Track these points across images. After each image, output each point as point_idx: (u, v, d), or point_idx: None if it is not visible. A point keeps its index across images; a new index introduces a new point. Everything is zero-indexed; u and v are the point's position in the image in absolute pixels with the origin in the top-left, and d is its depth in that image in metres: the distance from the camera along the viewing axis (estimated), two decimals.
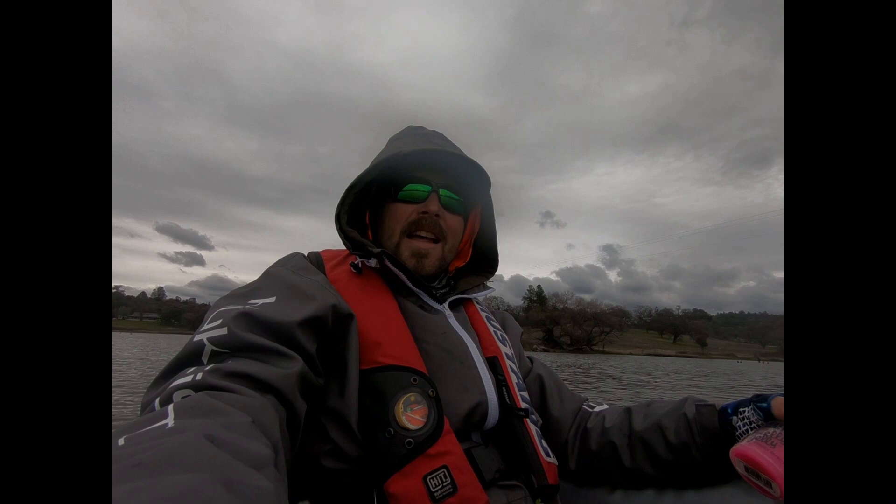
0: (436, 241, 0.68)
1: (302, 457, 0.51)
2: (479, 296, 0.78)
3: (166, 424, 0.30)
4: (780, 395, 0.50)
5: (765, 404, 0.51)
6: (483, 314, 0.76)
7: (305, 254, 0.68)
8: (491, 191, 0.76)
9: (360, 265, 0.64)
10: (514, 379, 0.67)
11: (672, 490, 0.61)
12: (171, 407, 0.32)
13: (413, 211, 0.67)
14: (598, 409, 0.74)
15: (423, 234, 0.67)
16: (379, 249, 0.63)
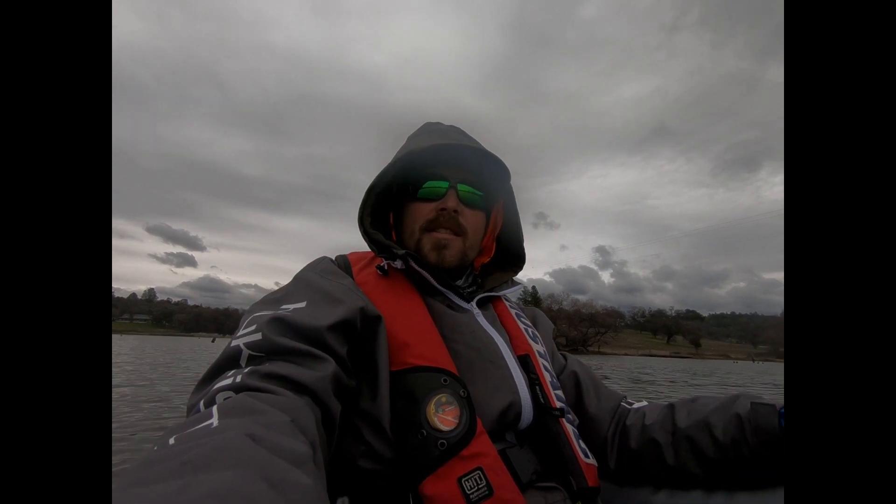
0: (456, 235, 0.67)
1: (340, 457, 0.51)
2: (508, 292, 0.75)
3: (211, 424, 0.31)
4: None
5: None
6: (513, 311, 0.75)
7: (333, 258, 0.68)
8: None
9: (385, 267, 0.64)
10: (547, 377, 0.65)
11: (722, 491, 0.58)
12: (214, 408, 0.33)
13: (431, 209, 0.67)
14: (637, 405, 0.72)
15: (442, 230, 0.67)
16: (403, 251, 0.62)
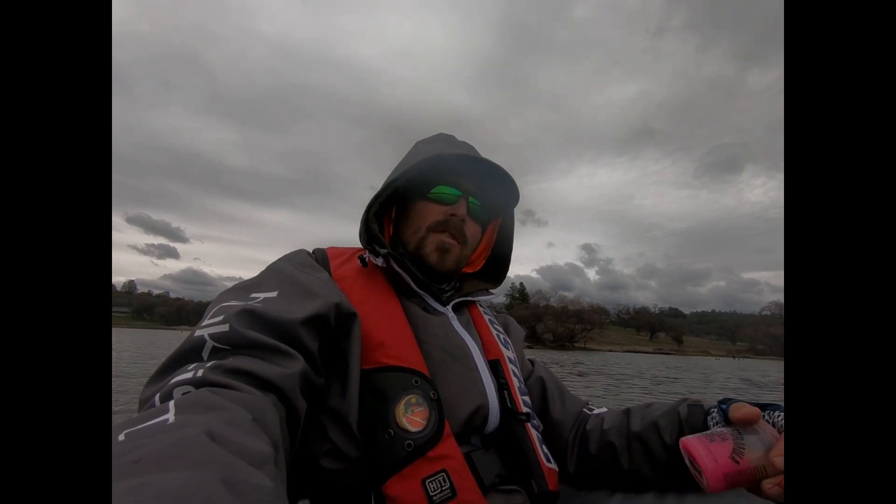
0: (458, 242, 0.69)
1: (301, 456, 0.50)
2: (481, 300, 0.77)
3: (167, 420, 0.29)
4: (740, 400, 0.51)
5: (725, 406, 0.51)
6: (486, 317, 0.76)
7: (310, 251, 0.68)
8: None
9: (367, 259, 0.65)
10: (515, 382, 0.66)
11: (673, 493, 0.59)
12: (171, 403, 0.32)
13: (441, 212, 0.68)
14: (597, 411, 0.74)
15: (447, 235, 0.68)
16: (386, 251, 0.62)
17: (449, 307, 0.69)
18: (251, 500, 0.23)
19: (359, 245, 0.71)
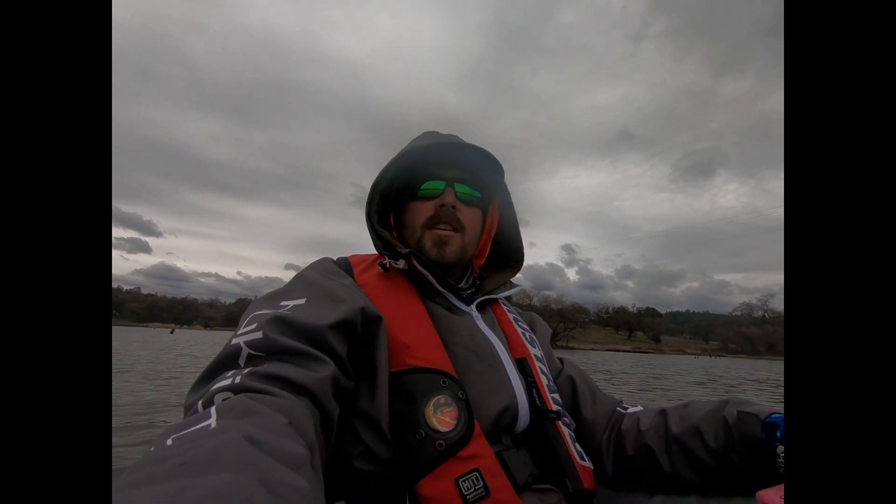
0: (455, 230, 0.69)
1: (336, 459, 0.51)
2: (507, 294, 0.77)
3: (209, 425, 0.31)
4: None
5: (777, 417, 0.49)
6: (510, 315, 0.76)
7: (334, 259, 0.70)
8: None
9: (388, 265, 0.65)
10: (544, 381, 0.66)
11: (717, 497, 0.58)
12: (213, 409, 0.33)
13: (431, 206, 0.69)
14: (631, 410, 0.73)
15: (442, 226, 0.68)
16: (407, 250, 0.63)
17: (473, 306, 0.69)
18: (289, 501, 0.24)
19: (362, 250, 0.73)
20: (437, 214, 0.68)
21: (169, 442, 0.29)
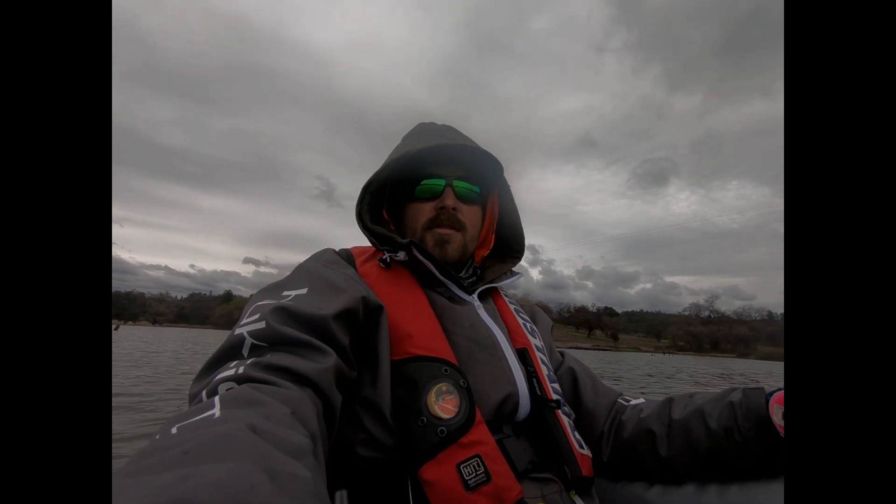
0: (456, 230, 0.70)
1: (339, 446, 0.52)
2: (508, 282, 0.77)
3: (213, 415, 0.31)
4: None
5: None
6: (512, 306, 0.76)
7: (336, 249, 0.70)
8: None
9: (388, 260, 0.66)
10: (544, 370, 0.67)
11: (715, 485, 0.59)
12: (216, 398, 0.34)
13: (431, 207, 0.69)
14: (634, 402, 0.74)
15: (443, 227, 0.69)
16: (407, 241, 0.64)
17: (474, 296, 0.69)
18: (291, 489, 0.25)
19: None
20: (439, 216, 0.69)
21: (174, 430, 0.29)
